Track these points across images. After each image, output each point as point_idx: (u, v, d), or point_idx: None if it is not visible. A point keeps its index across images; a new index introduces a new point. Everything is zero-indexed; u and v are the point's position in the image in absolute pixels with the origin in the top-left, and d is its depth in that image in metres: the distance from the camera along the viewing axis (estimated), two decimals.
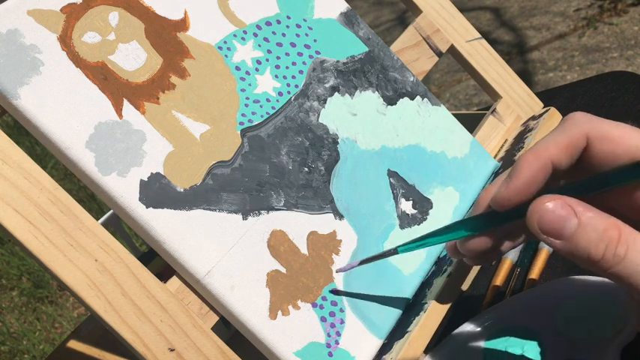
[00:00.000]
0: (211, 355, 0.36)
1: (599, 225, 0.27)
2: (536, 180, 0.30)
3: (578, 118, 0.31)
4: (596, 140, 0.30)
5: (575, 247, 0.28)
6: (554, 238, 0.28)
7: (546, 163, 0.30)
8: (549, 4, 2.37)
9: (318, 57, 0.46)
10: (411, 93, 0.49)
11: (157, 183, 0.37)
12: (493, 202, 0.31)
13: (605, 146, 0.30)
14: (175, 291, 0.36)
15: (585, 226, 0.27)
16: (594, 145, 0.30)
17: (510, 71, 0.57)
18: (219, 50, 0.42)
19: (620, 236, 0.27)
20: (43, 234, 0.33)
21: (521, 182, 0.30)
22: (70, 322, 1.67)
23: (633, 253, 0.27)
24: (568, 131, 0.30)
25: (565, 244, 0.28)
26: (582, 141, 0.30)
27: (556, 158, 0.30)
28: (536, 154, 0.30)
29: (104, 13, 0.39)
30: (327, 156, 0.43)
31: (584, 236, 0.27)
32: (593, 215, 0.27)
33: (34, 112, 0.35)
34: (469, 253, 0.33)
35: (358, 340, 0.39)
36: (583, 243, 0.27)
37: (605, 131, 0.30)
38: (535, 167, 0.30)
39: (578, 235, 0.27)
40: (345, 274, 0.41)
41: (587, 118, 0.31)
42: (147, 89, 0.39)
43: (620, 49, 1.98)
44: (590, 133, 0.30)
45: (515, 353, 0.38)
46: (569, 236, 0.27)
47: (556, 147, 0.30)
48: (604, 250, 0.27)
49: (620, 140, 0.29)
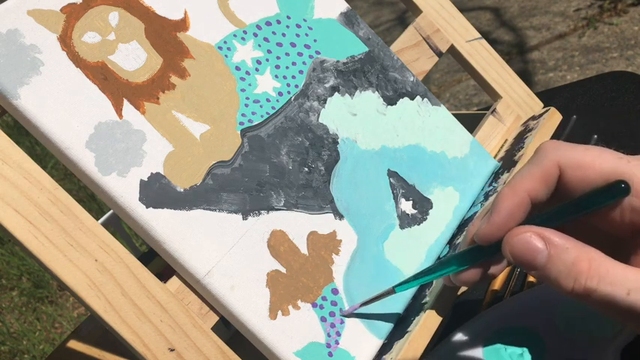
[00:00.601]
0: (211, 355, 0.36)
1: (569, 257, 0.28)
2: (515, 214, 0.31)
3: (548, 148, 0.31)
4: (569, 168, 0.31)
5: (547, 277, 0.28)
6: (528, 269, 0.29)
7: (523, 198, 0.31)
8: (549, 4, 2.37)
9: (318, 57, 0.46)
10: (411, 93, 0.49)
11: (157, 183, 0.37)
12: (476, 238, 0.32)
13: (578, 173, 0.30)
14: (175, 291, 0.36)
15: (555, 258, 0.28)
16: (567, 172, 0.31)
17: (510, 71, 0.57)
18: (219, 50, 0.42)
19: (589, 268, 0.27)
20: (43, 234, 0.33)
21: (500, 218, 0.31)
22: (70, 322, 1.67)
23: (604, 285, 0.27)
24: (540, 163, 0.31)
25: (538, 273, 0.29)
26: (555, 170, 0.31)
27: (532, 191, 0.31)
28: (513, 189, 0.31)
29: (104, 13, 0.39)
30: (327, 156, 0.43)
31: (554, 268, 0.28)
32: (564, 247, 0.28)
33: (34, 112, 0.35)
34: (462, 284, 0.34)
35: (358, 340, 0.39)
36: (553, 274, 0.28)
37: (575, 158, 0.30)
38: (513, 202, 0.31)
39: (548, 267, 0.28)
40: (344, 275, 0.41)
41: (557, 146, 0.31)
42: (147, 89, 0.39)
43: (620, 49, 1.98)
44: (562, 161, 0.31)
45: (515, 354, 0.38)
46: (541, 267, 0.28)
47: (531, 180, 0.31)
48: (573, 282, 0.28)
49: (591, 165, 0.30)
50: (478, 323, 0.40)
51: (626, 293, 0.27)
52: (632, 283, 0.27)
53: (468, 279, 0.34)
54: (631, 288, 0.27)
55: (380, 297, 0.39)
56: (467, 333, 0.40)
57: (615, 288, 0.27)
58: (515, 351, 0.38)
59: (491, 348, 0.38)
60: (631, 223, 0.29)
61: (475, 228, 0.33)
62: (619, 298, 0.27)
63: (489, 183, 0.50)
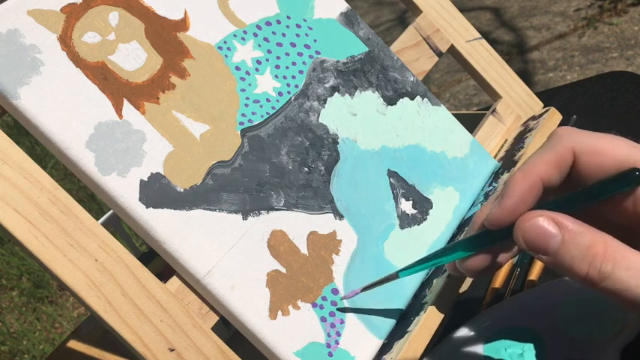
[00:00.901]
0: (211, 355, 0.36)
1: (584, 241, 0.27)
2: (527, 199, 0.30)
3: (563, 134, 0.31)
4: (583, 154, 0.30)
5: (560, 262, 0.28)
6: (540, 254, 0.28)
7: (536, 182, 0.30)
8: (549, 4, 2.37)
9: (318, 57, 0.46)
10: (411, 93, 0.49)
11: (157, 183, 0.37)
12: (486, 222, 0.31)
13: (592, 159, 0.30)
14: (175, 291, 0.36)
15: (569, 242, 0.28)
16: (581, 159, 0.30)
17: (510, 71, 0.57)
18: (219, 50, 0.42)
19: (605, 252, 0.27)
20: (43, 234, 0.33)
21: (512, 202, 0.30)
22: (70, 322, 1.67)
23: (619, 270, 0.27)
24: (554, 148, 0.31)
25: (551, 259, 0.28)
26: (569, 156, 0.31)
27: (545, 176, 0.31)
28: (525, 173, 0.31)
29: (104, 13, 0.39)
30: (327, 156, 0.43)
31: (568, 252, 0.28)
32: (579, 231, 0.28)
33: (34, 112, 0.35)
34: (468, 271, 0.33)
35: (358, 340, 0.39)
36: (567, 259, 0.28)
37: (590, 144, 0.30)
38: (525, 186, 0.30)
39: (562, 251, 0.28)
40: (344, 275, 0.41)
41: (571, 132, 0.31)
42: (147, 89, 0.39)
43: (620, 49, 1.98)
44: (576, 147, 0.30)
45: (515, 353, 0.38)
46: (554, 252, 0.28)
47: (544, 164, 0.31)
48: (588, 266, 0.27)
49: (606, 152, 0.30)
50: (478, 323, 0.40)
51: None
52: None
53: (474, 266, 0.33)
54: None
55: (383, 282, 0.39)
56: (467, 333, 0.40)
57: (630, 273, 0.27)
58: (516, 351, 0.38)
59: (492, 348, 0.38)
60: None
61: (484, 213, 0.32)
62: (633, 283, 0.26)
63: (489, 183, 0.50)
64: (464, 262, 0.33)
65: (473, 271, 0.33)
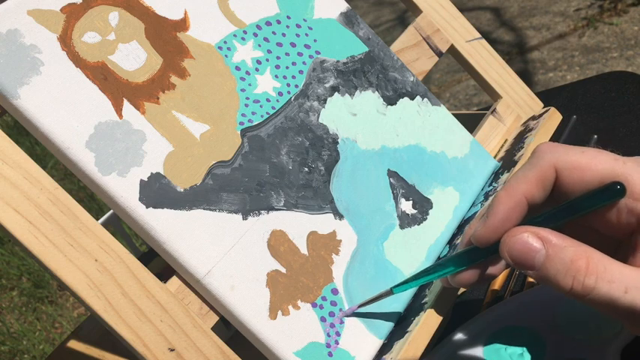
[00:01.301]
0: (211, 355, 0.36)
1: (567, 255, 0.28)
2: (511, 217, 0.31)
3: (545, 150, 0.31)
4: (565, 170, 0.31)
5: (545, 276, 0.28)
6: (526, 269, 0.29)
7: (520, 200, 0.31)
8: (549, 4, 2.37)
9: (318, 57, 0.46)
10: (411, 93, 0.49)
11: (157, 183, 0.37)
12: (473, 240, 0.32)
13: (575, 174, 0.30)
14: (175, 291, 0.36)
15: (553, 256, 0.28)
16: (564, 174, 0.31)
17: (510, 71, 0.57)
18: (219, 50, 0.42)
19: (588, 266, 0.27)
20: (43, 234, 0.33)
21: (496, 220, 0.31)
22: (70, 322, 1.67)
23: (602, 283, 0.27)
24: (537, 165, 0.31)
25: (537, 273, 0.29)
26: (551, 173, 0.31)
27: (529, 193, 0.31)
28: (509, 191, 0.31)
29: (104, 13, 0.39)
30: (327, 156, 0.43)
31: (553, 267, 0.28)
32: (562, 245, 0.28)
33: (34, 112, 0.35)
34: (460, 285, 0.34)
35: (358, 340, 0.39)
36: (552, 273, 0.28)
37: (572, 160, 0.30)
38: (509, 205, 0.31)
39: (546, 266, 0.28)
40: (344, 275, 0.41)
41: (553, 148, 0.31)
42: (147, 89, 0.39)
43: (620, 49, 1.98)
44: (558, 163, 0.31)
45: (515, 353, 0.38)
46: (539, 267, 0.28)
47: (527, 183, 0.31)
48: (572, 280, 0.28)
49: (587, 167, 0.30)
50: (478, 323, 0.40)
51: (623, 291, 0.27)
52: (630, 280, 0.27)
53: (465, 280, 0.34)
54: (629, 286, 0.27)
55: (378, 298, 0.39)
56: (467, 333, 0.40)
57: (613, 286, 0.27)
58: (516, 351, 0.38)
59: (492, 348, 0.38)
60: (627, 223, 0.29)
61: (472, 229, 0.33)
62: (616, 295, 0.27)
63: (489, 183, 0.50)
64: (455, 277, 0.34)
65: (464, 285, 0.34)
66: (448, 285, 0.35)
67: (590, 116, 0.67)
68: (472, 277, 0.34)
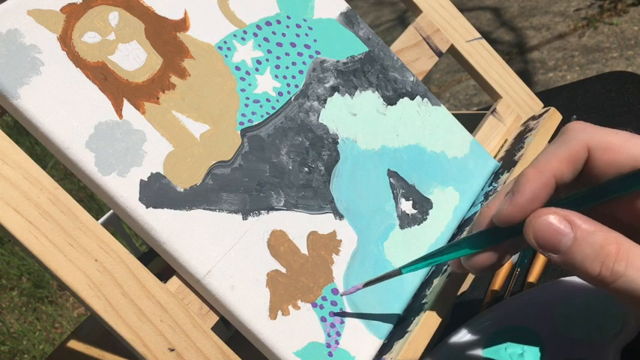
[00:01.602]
0: (211, 355, 0.36)
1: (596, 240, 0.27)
2: (540, 196, 0.29)
3: (577, 129, 0.30)
4: (598, 150, 0.29)
5: (571, 261, 0.27)
6: (551, 252, 0.28)
7: (549, 178, 0.30)
8: (549, 4, 2.37)
9: (318, 57, 0.46)
10: (411, 93, 0.49)
11: (157, 183, 0.37)
12: (496, 219, 0.30)
13: (607, 156, 0.29)
14: (175, 291, 0.37)
15: (581, 241, 0.27)
16: (596, 155, 0.30)
17: (510, 71, 0.57)
18: (219, 50, 0.42)
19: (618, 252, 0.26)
20: (43, 234, 0.33)
21: (524, 199, 0.29)
22: (70, 322, 1.67)
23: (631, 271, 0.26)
24: (568, 143, 0.30)
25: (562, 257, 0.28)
26: (583, 152, 0.30)
27: (558, 172, 0.30)
28: (539, 168, 0.30)
29: (104, 13, 0.39)
30: (327, 156, 0.43)
31: (580, 251, 0.27)
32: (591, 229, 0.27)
33: (34, 112, 0.35)
34: (474, 269, 0.33)
35: (358, 340, 0.39)
36: (579, 258, 0.27)
37: (605, 141, 0.29)
38: (538, 183, 0.29)
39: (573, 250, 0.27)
40: (344, 275, 0.41)
41: (585, 127, 0.30)
42: (147, 89, 0.39)
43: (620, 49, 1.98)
44: (591, 143, 0.30)
45: (515, 353, 0.38)
46: (565, 251, 0.27)
47: (558, 160, 0.30)
48: (600, 266, 0.27)
49: (621, 149, 0.29)
50: (478, 323, 0.40)
51: None
52: None
53: (480, 263, 0.32)
54: None
55: (385, 277, 0.38)
56: (467, 333, 0.40)
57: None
58: (515, 351, 0.38)
59: (491, 348, 0.38)
60: None
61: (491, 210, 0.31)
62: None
63: (489, 183, 0.50)
64: (469, 259, 0.32)
65: (479, 268, 0.32)
66: (459, 269, 0.34)
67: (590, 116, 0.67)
68: (488, 260, 0.32)
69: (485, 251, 0.32)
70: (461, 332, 0.40)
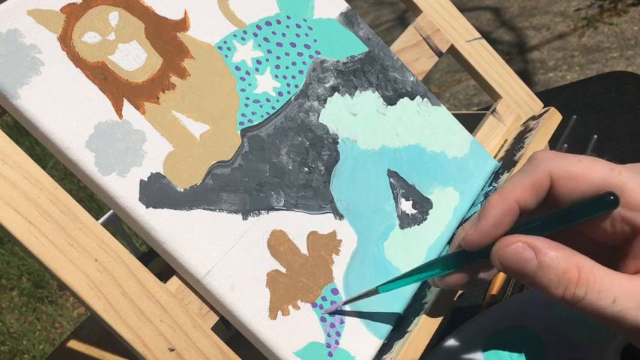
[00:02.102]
0: (211, 355, 0.36)
1: (559, 266, 0.28)
2: (503, 222, 0.31)
3: (541, 158, 0.31)
4: (560, 179, 0.31)
5: (538, 285, 0.29)
6: (518, 278, 0.29)
7: (512, 205, 0.31)
8: (549, 4, 2.37)
9: (318, 57, 0.46)
10: (411, 93, 0.49)
11: (157, 183, 0.37)
12: (463, 243, 0.32)
13: (569, 184, 0.30)
14: (175, 291, 0.37)
15: (545, 267, 0.28)
16: (559, 183, 0.31)
17: (510, 71, 0.57)
18: (219, 50, 0.42)
19: (579, 277, 0.28)
20: (43, 234, 0.33)
21: (488, 224, 0.31)
22: (70, 322, 1.67)
23: (592, 294, 0.28)
24: (532, 172, 0.31)
25: (529, 281, 0.29)
26: (546, 181, 0.31)
27: (522, 200, 0.31)
28: (502, 196, 0.31)
29: (104, 13, 0.39)
30: (327, 156, 0.43)
31: (544, 277, 0.28)
32: (554, 256, 0.28)
33: (34, 112, 0.35)
34: (447, 287, 0.34)
35: (358, 340, 0.39)
36: (544, 283, 0.28)
37: (567, 169, 0.30)
38: (501, 210, 0.31)
39: (539, 275, 0.28)
40: (344, 275, 0.41)
41: (549, 157, 0.31)
42: (147, 89, 0.39)
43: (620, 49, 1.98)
44: (554, 172, 0.31)
45: (515, 354, 0.38)
46: (532, 275, 0.29)
47: (521, 188, 0.31)
48: (563, 290, 0.28)
49: (583, 177, 0.30)
50: (478, 323, 0.40)
51: (611, 301, 0.27)
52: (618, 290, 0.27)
53: (452, 282, 0.34)
54: (617, 296, 0.27)
55: (362, 297, 0.39)
56: (467, 333, 0.40)
57: (602, 295, 0.27)
58: (515, 351, 0.38)
59: (491, 348, 0.38)
60: (622, 232, 0.30)
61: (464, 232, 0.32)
62: (605, 306, 0.27)
63: (489, 183, 0.50)
64: (442, 279, 0.34)
65: (451, 287, 0.34)
66: (436, 286, 0.35)
67: (590, 116, 0.67)
68: (459, 280, 0.34)
69: (457, 272, 0.33)
70: (461, 332, 0.40)
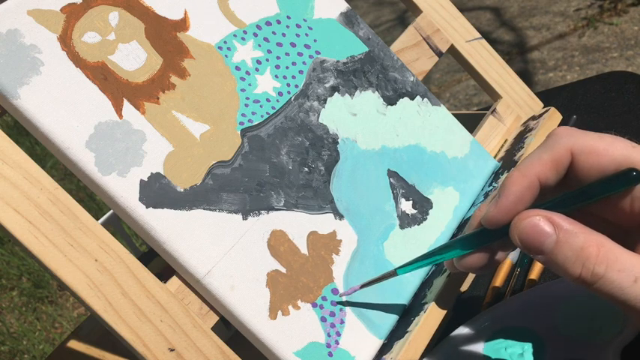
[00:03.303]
0: (211, 355, 0.36)
1: (577, 242, 0.28)
2: (524, 198, 0.30)
3: (562, 134, 0.31)
4: (581, 154, 0.30)
5: (554, 262, 0.28)
6: (535, 253, 0.29)
7: (533, 181, 0.30)
8: (549, 4, 2.37)
9: (318, 57, 0.46)
10: (411, 93, 0.49)
11: (157, 183, 0.37)
12: (484, 221, 0.31)
13: (590, 159, 0.30)
14: (175, 291, 0.37)
15: (563, 242, 0.28)
16: (579, 159, 0.30)
17: (510, 71, 0.57)
18: (219, 50, 0.42)
19: (598, 254, 0.27)
20: (43, 234, 0.33)
21: (509, 201, 0.30)
22: (70, 322, 1.67)
23: (612, 272, 0.27)
24: (552, 148, 0.31)
25: (545, 258, 0.28)
26: (567, 156, 0.31)
27: (542, 175, 0.31)
28: (523, 172, 0.31)
29: (104, 13, 0.39)
30: (327, 156, 0.43)
31: (562, 253, 0.28)
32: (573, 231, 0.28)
33: (34, 112, 0.35)
34: (465, 269, 0.34)
35: (358, 340, 0.39)
36: (561, 259, 0.28)
37: (588, 145, 0.30)
38: (522, 186, 0.30)
39: (556, 252, 0.28)
40: (344, 275, 0.41)
41: (570, 132, 0.31)
42: (147, 89, 0.39)
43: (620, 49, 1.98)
44: (574, 147, 0.30)
45: (515, 353, 0.38)
46: (549, 252, 0.28)
47: (541, 164, 0.31)
48: (581, 267, 0.27)
49: (604, 152, 0.30)
50: (478, 323, 0.40)
51: (633, 280, 0.27)
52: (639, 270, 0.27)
53: (471, 264, 0.33)
54: (638, 276, 0.27)
55: (381, 279, 0.39)
56: (467, 332, 0.40)
57: (622, 274, 0.27)
58: (516, 351, 0.38)
59: (492, 348, 0.38)
60: None
61: (482, 212, 0.32)
62: (626, 285, 0.27)
63: (489, 183, 0.50)
64: (461, 260, 0.33)
65: (470, 268, 0.33)
66: (453, 269, 0.35)
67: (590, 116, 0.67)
68: (479, 261, 0.33)
69: (476, 252, 0.33)
70: (461, 332, 0.40)
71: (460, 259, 0.33)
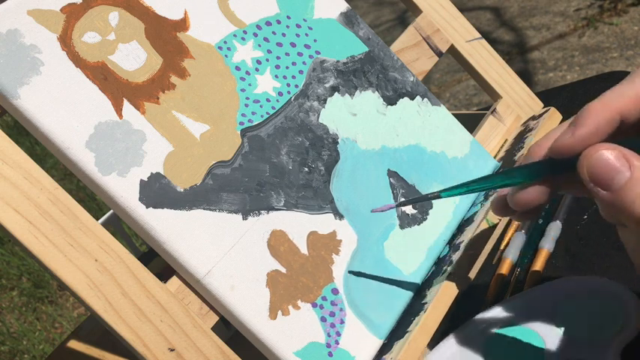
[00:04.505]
0: (211, 355, 0.36)
1: None
2: (602, 130, 0.28)
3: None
4: None
5: (621, 200, 0.26)
6: (602, 189, 0.27)
7: (614, 115, 0.28)
8: (549, 4, 2.37)
9: (318, 57, 0.46)
10: (411, 93, 0.49)
11: (157, 183, 0.37)
12: (553, 149, 0.29)
13: None
14: (175, 291, 0.37)
15: (636, 180, 0.26)
16: None
17: (510, 71, 0.57)
18: (219, 50, 0.42)
19: None
20: (43, 234, 0.33)
21: (586, 131, 0.28)
22: (70, 322, 1.67)
23: None
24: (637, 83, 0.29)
25: (611, 195, 0.26)
26: None
27: (625, 110, 0.29)
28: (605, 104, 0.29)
29: (104, 13, 0.39)
30: (327, 156, 0.43)
31: (633, 190, 0.26)
32: None
33: (34, 112, 0.35)
34: (520, 206, 0.31)
35: (358, 340, 0.39)
36: (629, 198, 0.26)
37: None
38: (602, 117, 0.28)
39: (626, 189, 0.26)
40: (344, 275, 0.41)
41: None
42: (147, 89, 0.39)
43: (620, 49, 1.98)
44: None
45: (515, 354, 0.38)
46: (617, 189, 0.26)
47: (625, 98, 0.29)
48: None
49: None
50: (478, 323, 0.40)
51: None
52: None
53: (525, 199, 0.30)
54: None
55: (422, 199, 0.37)
56: (467, 332, 0.40)
57: None
58: (516, 351, 0.38)
59: (491, 348, 0.38)
60: None
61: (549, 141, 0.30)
62: None
63: None
64: (515, 195, 0.31)
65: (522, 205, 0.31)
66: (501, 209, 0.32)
67: None
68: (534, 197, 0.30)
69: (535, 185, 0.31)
70: (461, 331, 0.40)
71: (514, 193, 0.31)
